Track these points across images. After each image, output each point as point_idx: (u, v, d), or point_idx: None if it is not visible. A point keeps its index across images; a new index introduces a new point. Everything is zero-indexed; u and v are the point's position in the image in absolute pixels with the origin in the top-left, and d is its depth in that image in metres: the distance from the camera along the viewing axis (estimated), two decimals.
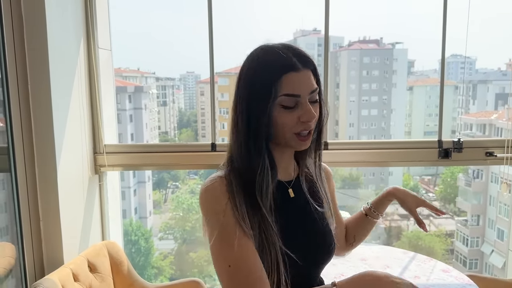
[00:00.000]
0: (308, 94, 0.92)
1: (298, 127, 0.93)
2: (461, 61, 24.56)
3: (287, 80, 0.91)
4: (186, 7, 42.50)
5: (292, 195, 1.03)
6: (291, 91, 0.91)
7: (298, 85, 0.91)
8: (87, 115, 2.04)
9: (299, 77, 0.92)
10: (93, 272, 1.84)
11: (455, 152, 2.11)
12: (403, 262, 1.83)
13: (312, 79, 0.94)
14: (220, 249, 0.91)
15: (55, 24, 1.77)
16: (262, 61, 0.94)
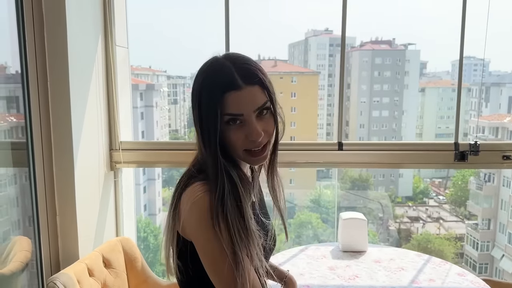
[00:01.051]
0: (252, 111, 0.91)
1: (247, 144, 0.93)
2: (474, 63, 24.29)
3: (228, 100, 0.90)
4: (199, 5, 42.63)
5: (254, 199, 1.05)
6: (233, 110, 0.90)
7: (240, 104, 0.90)
8: (104, 112, 2.06)
9: (240, 96, 0.90)
10: (108, 267, 1.85)
11: (471, 155, 2.09)
12: (417, 265, 1.82)
13: (258, 95, 0.91)
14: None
15: (75, 21, 1.79)
16: (205, 80, 0.94)
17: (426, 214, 19.88)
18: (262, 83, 0.93)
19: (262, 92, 0.92)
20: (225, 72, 0.92)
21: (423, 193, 21.07)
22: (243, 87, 0.90)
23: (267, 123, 0.94)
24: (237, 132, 0.92)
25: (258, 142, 0.92)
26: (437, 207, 20.45)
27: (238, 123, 0.92)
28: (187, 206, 0.92)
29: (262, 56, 21.89)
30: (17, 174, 1.93)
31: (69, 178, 1.82)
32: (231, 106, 0.90)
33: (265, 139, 0.94)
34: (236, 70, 0.92)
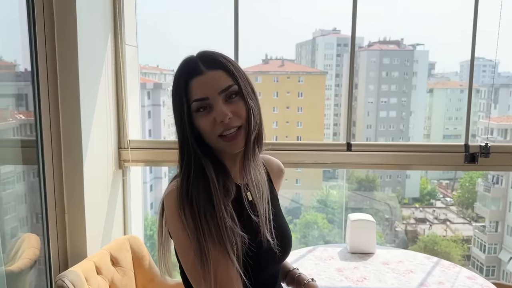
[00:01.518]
0: (217, 93, 0.92)
1: (218, 128, 0.93)
2: (483, 64, 24.10)
3: (193, 86, 0.93)
4: (207, 5, 42.69)
5: (250, 198, 1.01)
6: (198, 95, 0.93)
7: (203, 87, 0.93)
8: (113, 110, 2.06)
9: (203, 80, 0.93)
10: (116, 265, 1.86)
11: (482, 157, 2.07)
12: (426, 268, 1.81)
13: (221, 78, 0.93)
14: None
15: (85, 20, 1.80)
16: (175, 75, 0.97)
17: (433, 216, 19.77)
18: (226, 68, 0.95)
19: (227, 76, 0.94)
20: (189, 62, 0.97)
21: (430, 195, 20.96)
22: (205, 71, 0.94)
23: (236, 106, 0.94)
24: (206, 118, 0.94)
25: (227, 124, 0.92)
26: (444, 209, 20.33)
27: (207, 110, 0.93)
28: (163, 203, 0.98)
29: (270, 56, 21.86)
30: (25, 171, 1.94)
31: (77, 176, 1.82)
32: (196, 91, 0.93)
33: (236, 121, 0.94)
34: (200, 59, 0.96)
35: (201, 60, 0.95)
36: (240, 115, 0.95)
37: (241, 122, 0.95)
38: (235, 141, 0.95)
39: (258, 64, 21.12)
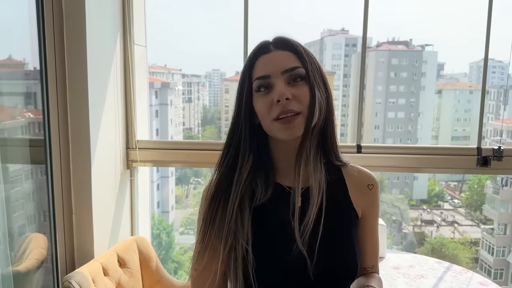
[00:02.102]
0: (280, 73, 0.87)
1: (275, 110, 0.86)
2: (492, 65, 23.89)
3: (258, 64, 0.90)
4: (217, 6, 42.73)
5: (299, 204, 0.89)
6: (260, 73, 0.89)
7: (268, 65, 0.88)
8: (121, 110, 2.05)
9: (269, 58, 0.89)
10: (123, 267, 1.84)
11: (494, 161, 2.03)
12: (438, 273, 1.77)
13: (288, 59, 0.88)
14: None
15: (94, 19, 1.79)
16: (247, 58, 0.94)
17: (441, 218, 19.66)
18: (295, 50, 0.90)
19: (295, 58, 0.89)
20: (261, 43, 0.93)
21: (438, 196, 20.85)
22: (273, 50, 0.90)
23: (299, 90, 0.87)
24: (264, 98, 0.87)
25: (284, 105, 0.84)
26: (452, 211, 20.21)
27: (267, 91, 0.87)
28: None
29: None
30: (34, 169, 1.94)
31: (85, 176, 1.81)
32: (259, 69, 0.89)
33: (295, 106, 0.86)
34: (272, 40, 0.92)
35: (273, 41, 0.92)
36: (301, 100, 0.86)
37: (301, 108, 0.86)
38: (291, 124, 0.85)
39: None
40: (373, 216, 1.01)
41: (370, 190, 0.99)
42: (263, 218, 0.90)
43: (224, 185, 0.91)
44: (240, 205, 0.89)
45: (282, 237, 0.88)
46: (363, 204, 0.98)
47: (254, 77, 0.89)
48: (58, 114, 1.78)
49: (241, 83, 0.92)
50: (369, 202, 0.99)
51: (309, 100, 0.87)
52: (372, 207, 1.00)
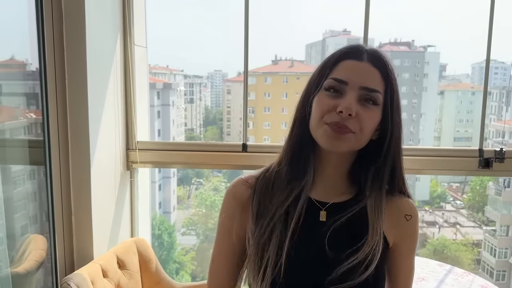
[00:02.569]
0: (358, 86, 0.82)
1: (331, 117, 0.82)
2: (494, 66, 23.84)
3: (343, 65, 0.85)
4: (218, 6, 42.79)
5: (323, 218, 0.89)
6: (340, 75, 0.84)
7: (351, 72, 0.83)
8: (121, 111, 2.04)
9: (356, 66, 0.84)
10: (122, 268, 1.84)
11: (496, 162, 2.02)
12: (439, 275, 1.76)
13: (373, 77, 0.83)
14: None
15: (94, 19, 1.78)
16: (334, 52, 0.89)
17: (443, 219, 19.61)
18: (384, 72, 0.85)
19: (380, 81, 0.84)
20: (354, 46, 0.88)
21: (440, 198, 20.79)
22: (364, 60, 0.84)
23: (366, 114, 0.82)
24: (329, 100, 0.83)
25: (343, 119, 0.80)
26: (454, 212, 20.16)
27: (336, 94, 0.83)
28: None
29: (279, 57, 21.87)
30: (35, 170, 1.93)
31: (85, 177, 1.80)
32: (341, 71, 0.84)
33: (353, 124, 0.81)
34: (367, 49, 0.87)
35: (368, 50, 0.86)
36: (361, 122, 0.82)
37: (357, 129, 0.82)
38: (339, 135, 0.81)
39: (268, 65, 21.13)
40: (407, 249, 0.95)
41: (407, 221, 0.93)
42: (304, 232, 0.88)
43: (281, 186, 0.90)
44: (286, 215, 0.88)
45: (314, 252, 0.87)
46: (395, 233, 0.92)
47: (332, 75, 0.85)
48: (57, 114, 1.77)
49: (317, 76, 0.88)
50: (403, 233, 0.93)
51: (372, 125, 0.84)
52: (407, 239, 0.94)
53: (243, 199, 0.93)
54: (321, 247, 0.86)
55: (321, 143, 0.85)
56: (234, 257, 0.95)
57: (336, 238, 0.86)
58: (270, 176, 0.92)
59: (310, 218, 0.89)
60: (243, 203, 0.92)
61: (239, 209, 0.93)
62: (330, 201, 0.90)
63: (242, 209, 0.92)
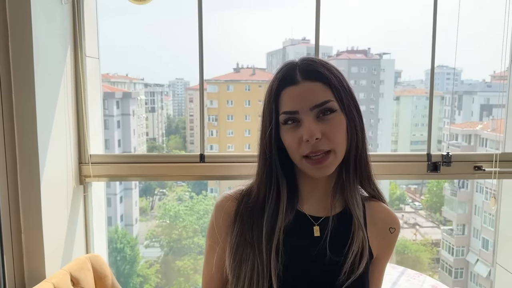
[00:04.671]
0: (308, 108, 0.82)
1: (304, 148, 0.82)
2: (447, 72, 24.91)
3: (285, 96, 0.84)
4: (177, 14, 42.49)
5: (317, 233, 0.89)
6: (287, 107, 0.84)
7: (295, 100, 0.83)
8: (73, 124, 1.99)
9: (297, 92, 0.83)
10: (76, 286, 1.78)
11: (444, 166, 2.11)
12: (392, 277, 1.82)
13: (317, 92, 0.83)
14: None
15: (41, 32, 1.73)
16: (272, 79, 0.89)
17: (403, 220, 20.18)
18: (326, 80, 0.84)
19: (324, 90, 0.83)
20: (287, 69, 0.87)
21: (399, 200, 21.42)
22: (300, 82, 0.84)
23: (330, 126, 0.83)
24: (293, 134, 0.84)
25: (313, 145, 0.81)
26: (413, 213, 20.79)
27: (295, 124, 0.83)
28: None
29: (241, 65, 21.97)
30: None
31: (34, 194, 1.74)
32: (286, 102, 0.84)
33: (325, 145, 0.82)
34: (299, 66, 0.86)
35: (300, 68, 0.85)
36: (330, 138, 0.82)
37: (331, 146, 0.83)
38: (320, 165, 0.83)
39: (230, 73, 21.17)
40: (385, 259, 0.98)
41: (391, 233, 0.95)
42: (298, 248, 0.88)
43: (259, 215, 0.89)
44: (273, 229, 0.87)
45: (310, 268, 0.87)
46: (380, 245, 0.94)
47: (281, 110, 0.85)
48: (3, 129, 1.71)
49: (267, 113, 0.87)
50: (386, 245, 0.95)
51: (340, 135, 0.84)
52: (388, 251, 0.96)
53: (230, 218, 0.92)
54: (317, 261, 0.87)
55: (310, 174, 0.87)
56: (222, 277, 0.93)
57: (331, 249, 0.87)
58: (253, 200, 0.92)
59: (304, 234, 0.90)
60: (229, 223, 0.91)
61: (225, 229, 0.92)
62: (323, 215, 0.91)
63: (228, 228, 0.91)
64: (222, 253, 0.91)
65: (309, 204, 0.92)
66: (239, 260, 0.86)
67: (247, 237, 0.87)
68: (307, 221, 0.90)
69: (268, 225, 0.86)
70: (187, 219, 16.50)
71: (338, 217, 0.90)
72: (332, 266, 0.86)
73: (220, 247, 0.91)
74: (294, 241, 0.87)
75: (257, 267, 0.84)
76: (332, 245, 0.87)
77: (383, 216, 0.95)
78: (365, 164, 0.92)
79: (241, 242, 0.87)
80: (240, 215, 0.90)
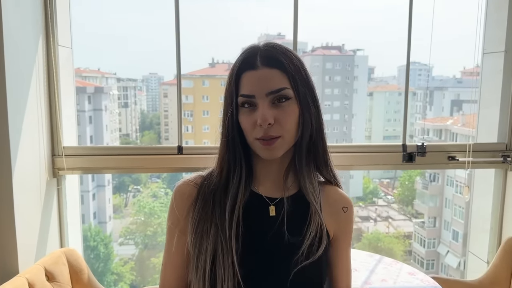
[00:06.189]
0: (264, 94, 0.85)
1: (257, 131, 0.86)
2: (418, 68, 25.46)
3: (244, 80, 0.88)
4: (150, 7, 41.84)
5: (273, 213, 0.93)
6: (245, 91, 0.87)
7: (252, 84, 0.86)
8: (45, 115, 1.93)
9: (254, 76, 0.86)
10: (51, 281, 1.74)
11: (419, 156, 2.15)
12: (370, 266, 1.84)
13: (274, 79, 0.86)
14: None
15: (11, 18, 1.67)
16: (234, 62, 0.92)
17: (376, 214, 20.57)
18: (284, 68, 0.87)
19: (282, 78, 0.86)
20: (249, 53, 0.89)
21: (372, 193, 21.81)
22: (259, 67, 0.87)
23: (283, 113, 0.86)
24: (248, 117, 0.87)
25: (265, 130, 0.85)
26: (386, 207, 21.21)
27: (251, 108, 0.87)
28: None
29: (216, 60, 21.83)
30: None
31: (6, 187, 1.68)
32: (244, 86, 0.87)
33: (276, 131, 0.86)
34: (260, 51, 0.89)
35: (261, 53, 0.88)
36: (282, 124, 0.86)
37: (281, 132, 0.86)
38: (270, 147, 0.87)
39: (205, 68, 21.01)
40: (346, 240, 1.01)
41: (344, 212, 0.99)
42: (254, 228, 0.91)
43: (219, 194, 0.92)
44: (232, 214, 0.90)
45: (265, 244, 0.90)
46: (335, 225, 0.98)
47: (240, 92, 0.88)
48: None
49: (228, 95, 0.91)
50: (342, 225, 0.99)
51: (292, 123, 0.87)
52: (345, 231, 1.00)
53: (192, 198, 0.94)
54: (273, 239, 0.90)
55: (261, 155, 0.90)
56: (183, 257, 0.94)
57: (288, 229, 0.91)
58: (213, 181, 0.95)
59: (260, 213, 0.93)
60: (190, 203, 0.93)
61: (186, 209, 0.93)
62: (279, 196, 0.95)
63: (189, 209, 0.93)
64: (181, 235, 0.93)
65: (264, 186, 0.96)
66: (201, 233, 0.89)
67: (209, 212, 0.90)
68: (263, 202, 0.94)
69: (232, 201, 0.90)
70: (162, 215, 16.34)
71: (294, 199, 0.95)
72: (290, 246, 0.89)
73: (180, 228, 0.93)
74: (251, 221, 0.91)
75: (220, 242, 0.87)
76: (290, 226, 0.91)
77: (336, 196, 1.00)
78: (322, 151, 0.96)
79: (202, 217, 0.90)
80: (201, 195, 0.93)
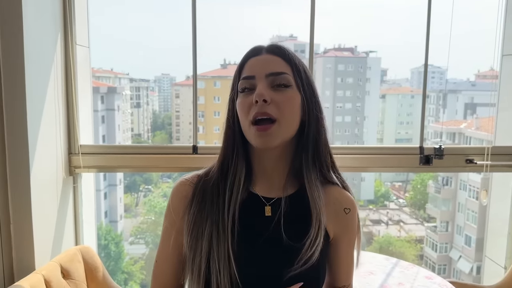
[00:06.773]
0: (264, 75, 0.86)
1: (252, 111, 0.84)
2: (432, 70, 25.22)
3: (247, 65, 0.90)
4: (164, 10, 42.10)
5: (268, 213, 0.90)
6: (246, 73, 0.88)
7: (254, 66, 0.88)
8: (63, 114, 1.95)
9: (257, 59, 0.89)
10: (67, 278, 1.75)
11: (436, 159, 2.12)
12: (386, 269, 1.82)
13: (275, 63, 0.87)
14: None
15: (32, 18, 1.69)
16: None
17: (387, 217, 20.41)
18: (286, 57, 0.89)
19: (284, 64, 0.88)
20: (255, 46, 0.92)
21: (384, 196, 21.64)
22: (263, 54, 0.89)
23: (282, 97, 0.85)
24: (245, 99, 0.87)
25: (261, 106, 0.83)
26: (398, 210, 21.04)
27: (250, 92, 0.87)
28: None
29: (228, 61, 21.89)
30: None
31: (24, 184, 1.70)
32: (246, 69, 0.89)
33: (273, 110, 0.84)
34: (266, 46, 0.92)
35: (267, 46, 0.91)
36: (279, 107, 0.84)
37: (278, 115, 0.84)
38: (265, 132, 0.83)
39: (217, 69, 21.07)
40: (348, 241, 0.96)
41: (346, 214, 0.94)
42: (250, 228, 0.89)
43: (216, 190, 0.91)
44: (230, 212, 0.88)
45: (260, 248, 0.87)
46: (335, 227, 0.93)
47: (241, 76, 0.89)
48: None
49: (232, 86, 0.93)
50: (343, 226, 0.94)
51: (290, 107, 0.86)
52: (347, 232, 0.95)
53: (187, 199, 0.93)
54: (269, 240, 0.87)
55: (253, 144, 0.87)
56: (179, 257, 0.93)
57: (285, 230, 0.87)
58: (211, 178, 0.93)
59: (256, 214, 0.91)
60: (186, 203, 0.92)
61: (182, 210, 0.92)
62: (275, 196, 0.92)
63: (185, 209, 0.92)
64: (177, 235, 0.92)
65: (261, 185, 0.93)
66: (196, 235, 0.88)
67: (204, 213, 0.89)
68: (259, 202, 0.91)
69: (228, 201, 0.88)
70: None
71: (292, 198, 0.91)
72: (286, 248, 0.86)
73: (177, 228, 0.92)
74: (246, 220, 0.89)
75: (216, 244, 0.85)
76: (287, 227, 0.88)
77: (337, 196, 0.95)
78: (324, 153, 0.94)
79: (197, 219, 0.89)
80: (197, 195, 0.92)
